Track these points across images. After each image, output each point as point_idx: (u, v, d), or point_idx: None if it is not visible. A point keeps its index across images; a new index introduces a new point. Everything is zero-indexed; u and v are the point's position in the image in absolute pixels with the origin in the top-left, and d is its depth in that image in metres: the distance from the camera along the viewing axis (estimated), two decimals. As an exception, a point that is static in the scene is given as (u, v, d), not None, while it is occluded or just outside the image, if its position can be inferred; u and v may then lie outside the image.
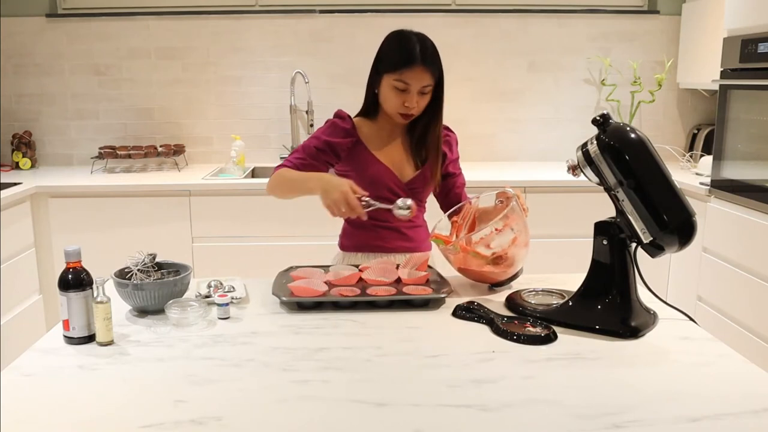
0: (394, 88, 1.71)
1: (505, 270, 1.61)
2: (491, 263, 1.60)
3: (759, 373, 1.19)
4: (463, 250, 1.60)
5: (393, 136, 1.85)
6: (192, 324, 1.41)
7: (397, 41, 1.74)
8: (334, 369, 1.21)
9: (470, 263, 1.61)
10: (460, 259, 1.62)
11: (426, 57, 1.70)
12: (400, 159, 1.85)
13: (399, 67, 1.70)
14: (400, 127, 1.85)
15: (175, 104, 3.59)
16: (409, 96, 1.72)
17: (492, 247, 1.60)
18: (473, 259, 1.60)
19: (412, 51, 1.69)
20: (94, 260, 1.82)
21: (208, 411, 1.05)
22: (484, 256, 1.60)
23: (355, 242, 1.90)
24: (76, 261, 1.32)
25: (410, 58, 1.69)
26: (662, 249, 1.33)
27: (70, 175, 3.28)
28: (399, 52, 1.71)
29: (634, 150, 1.33)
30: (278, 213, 3.03)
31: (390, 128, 1.84)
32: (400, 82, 1.70)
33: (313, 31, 3.54)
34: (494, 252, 1.59)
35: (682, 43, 3.51)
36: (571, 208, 3.07)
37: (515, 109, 3.67)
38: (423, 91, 1.72)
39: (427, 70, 1.70)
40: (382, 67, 1.74)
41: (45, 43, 3.50)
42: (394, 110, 1.75)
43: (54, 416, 1.04)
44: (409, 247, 1.88)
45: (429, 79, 1.72)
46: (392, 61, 1.72)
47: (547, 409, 1.05)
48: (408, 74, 1.69)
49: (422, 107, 1.76)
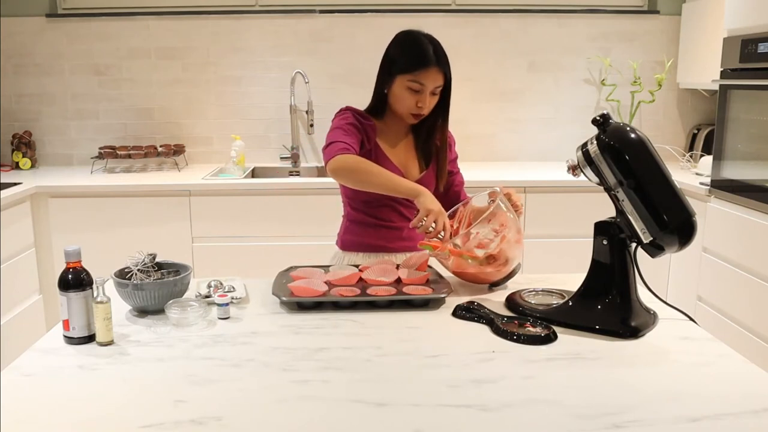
0: (408, 89, 1.74)
1: (500, 269, 1.61)
2: (484, 263, 1.60)
3: (759, 373, 1.19)
4: (453, 254, 1.60)
5: (399, 137, 1.87)
6: (192, 324, 1.41)
7: (409, 43, 1.77)
8: (334, 369, 1.21)
9: (464, 266, 1.61)
10: (454, 264, 1.62)
11: (440, 58, 1.74)
12: (407, 159, 1.87)
13: (414, 69, 1.73)
14: (406, 127, 1.87)
15: (175, 104, 3.59)
16: (422, 96, 1.75)
17: (483, 246, 1.59)
18: (465, 261, 1.60)
19: (426, 52, 1.73)
20: (94, 260, 1.82)
21: (208, 411, 1.05)
22: (476, 257, 1.60)
23: (357, 240, 1.90)
24: (76, 261, 1.32)
25: (425, 59, 1.73)
26: (662, 249, 1.33)
27: (70, 175, 3.28)
28: (413, 53, 1.74)
29: (634, 150, 1.33)
30: (278, 213, 3.04)
31: (397, 128, 1.86)
32: (416, 83, 1.73)
33: (313, 31, 3.54)
34: (486, 252, 1.59)
35: (682, 43, 3.51)
36: (571, 208, 3.07)
37: (515, 109, 3.67)
38: (434, 91, 1.76)
39: (440, 71, 1.74)
40: (395, 69, 1.76)
41: (45, 43, 3.50)
42: (407, 110, 1.78)
43: (54, 416, 1.04)
44: (410, 247, 1.88)
45: (441, 80, 1.76)
46: (407, 63, 1.74)
47: (547, 409, 1.06)
48: (423, 75, 1.73)
49: (431, 107, 1.80)
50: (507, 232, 1.59)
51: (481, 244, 1.60)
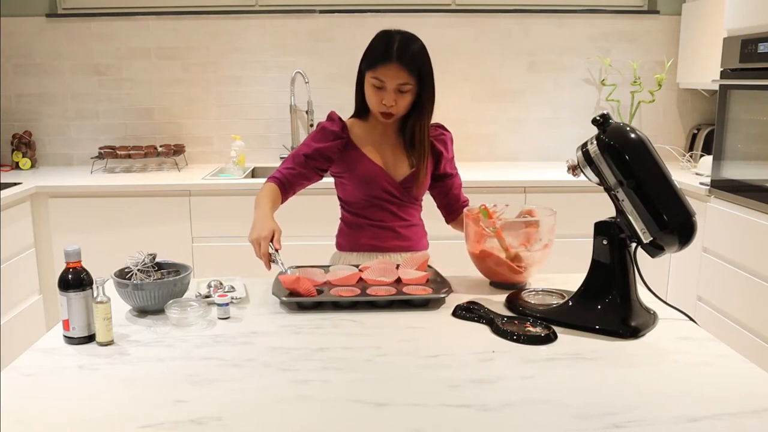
0: (372, 85, 1.71)
1: (519, 272, 1.63)
2: (511, 258, 1.62)
3: (759, 373, 1.19)
4: (498, 233, 1.62)
5: (386, 136, 1.84)
6: (192, 324, 1.41)
7: (377, 39, 1.74)
8: (334, 369, 1.21)
9: (493, 249, 1.62)
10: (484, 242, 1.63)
11: (403, 55, 1.68)
12: (394, 158, 1.84)
13: (374, 65, 1.70)
14: (392, 126, 1.84)
15: (175, 104, 3.59)
16: (386, 94, 1.71)
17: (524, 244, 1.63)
18: (498, 247, 1.62)
19: (387, 48, 1.69)
20: (94, 260, 1.82)
21: (208, 411, 1.05)
22: (509, 249, 1.62)
23: (350, 241, 1.90)
24: (76, 261, 1.32)
25: (385, 55, 1.68)
26: (662, 249, 1.33)
27: (70, 175, 3.28)
28: (375, 49, 1.72)
29: (634, 150, 1.33)
30: (278, 213, 3.02)
31: (382, 128, 1.84)
32: (376, 79, 1.70)
33: (313, 31, 3.54)
34: (523, 250, 1.62)
35: (682, 43, 3.51)
36: (571, 208, 3.07)
37: (515, 109, 3.67)
38: (401, 89, 1.70)
39: (402, 68, 1.67)
40: (362, 66, 1.75)
41: (45, 43, 3.50)
42: (375, 109, 1.75)
43: (54, 416, 1.04)
44: (405, 246, 1.88)
45: (405, 77, 1.69)
46: (369, 59, 1.73)
47: (547, 409, 1.05)
48: (382, 71, 1.69)
49: (403, 106, 1.74)
50: (550, 242, 1.62)
51: (522, 242, 1.63)
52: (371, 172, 1.81)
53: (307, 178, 1.83)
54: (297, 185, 1.83)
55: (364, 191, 1.83)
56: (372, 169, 1.81)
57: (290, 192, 1.83)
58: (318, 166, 1.82)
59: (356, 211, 1.88)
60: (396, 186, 1.83)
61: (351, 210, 1.89)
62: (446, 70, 3.59)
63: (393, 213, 1.86)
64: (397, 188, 1.83)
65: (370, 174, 1.81)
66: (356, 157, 1.81)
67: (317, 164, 1.81)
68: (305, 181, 1.84)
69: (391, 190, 1.82)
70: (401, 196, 1.84)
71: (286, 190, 1.82)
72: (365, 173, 1.81)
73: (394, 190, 1.83)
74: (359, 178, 1.81)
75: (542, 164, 3.57)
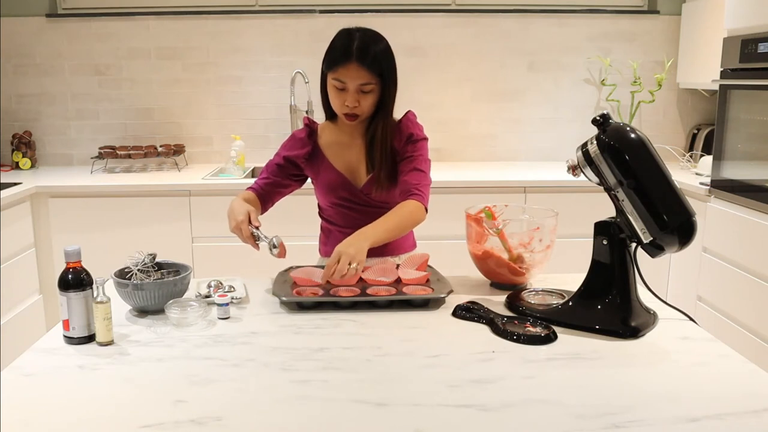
0: (334, 87, 1.65)
1: (520, 274, 1.63)
2: (513, 259, 1.62)
3: (759, 373, 1.19)
4: (501, 234, 1.62)
5: (353, 140, 1.77)
6: (192, 324, 1.41)
7: (337, 38, 1.67)
8: (334, 369, 1.21)
9: (494, 250, 1.62)
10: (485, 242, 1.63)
11: (363, 54, 1.61)
12: (357, 164, 1.77)
13: (334, 65, 1.63)
14: (360, 128, 1.76)
15: (175, 104, 3.59)
16: (348, 95, 1.64)
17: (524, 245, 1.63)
18: (499, 248, 1.62)
19: (346, 48, 1.62)
20: (94, 260, 1.82)
21: (208, 411, 1.05)
22: (511, 249, 1.62)
23: (325, 249, 1.89)
24: (76, 261, 1.32)
25: (345, 55, 1.61)
26: (662, 249, 1.33)
27: (70, 175, 3.28)
28: (336, 49, 1.64)
29: (634, 150, 1.33)
30: (278, 213, 3.01)
31: (350, 131, 1.77)
32: (337, 80, 1.64)
33: (313, 31, 3.54)
34: (524, 252, 1.62)
35: (682, 43, 3.51)
36: (571, 208, 3.07)
37: (515, 109, 3.67)
38: (363, 89, 1.64)
39: (362, 67, 1.61)
40: (323, 67, 1.69)
41: (45, 43, 3.50)
42: (338, 111, 1.69)
43: (54, 416, 1.04)
44: (380, 252, 1.76)
45: (367, 77, 1.62)
46: (328, 60, 1.66)
47: (547, 409, 1.05)
48: (343, 72, 1.62)
49: (366, 107, 1.67)
50: (551, 243, 1.62)
51: (523, 243, 1.63)
52: (332, 179, 1.77)
53: (283, 186, 1.81)
54: (275, 194, 1.81)
55: (329, 198, 1.80)
56: (333, 176, 1.77)
57: (269, 202, 1.81)
58: (291, 172, 1.80)
59: (327, 217, 1.87)
60: (356, 193, 1.77)
61: (323, 216, 1.89)
62: (446, 70, 3.60)
63: (361, 220, 1.72)
64: (357, 195, 1.77)
65: (332, 182, 1.77)
66: (320, 164, 1.78)
67: (290, 171, 1.79)
68: (282, 188, 1.81)
69: (353, 197, 1.77)
70: (365, 202, 1.78)
71: (265, 200, 1.80)
72: (327, 181, 1.78)
73: (356, 197, 1.77)
74: (323, 186, 1.79)
75: (542, 164, 3.57)
